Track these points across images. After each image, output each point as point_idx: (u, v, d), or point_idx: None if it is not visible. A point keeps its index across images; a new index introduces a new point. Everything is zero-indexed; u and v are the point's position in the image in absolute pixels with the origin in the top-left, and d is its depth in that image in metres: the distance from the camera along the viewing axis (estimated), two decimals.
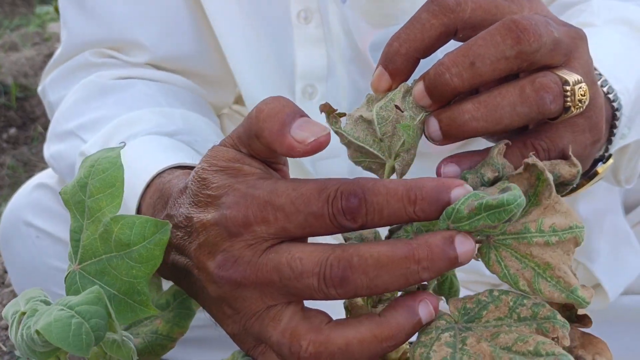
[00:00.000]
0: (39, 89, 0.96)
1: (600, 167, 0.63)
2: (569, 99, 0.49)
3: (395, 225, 0.49)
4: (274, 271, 0.45)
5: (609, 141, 0.61)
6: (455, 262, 0.44)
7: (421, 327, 0.45)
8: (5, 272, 1.40)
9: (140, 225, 0.49)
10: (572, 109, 0.50)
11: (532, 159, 0.45)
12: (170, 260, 0.51)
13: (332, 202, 0.44)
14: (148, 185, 0.63)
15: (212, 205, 0.47)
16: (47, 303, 0.49)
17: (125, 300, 0.50)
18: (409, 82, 0.51)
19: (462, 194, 0.43)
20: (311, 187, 0.45)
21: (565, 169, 0.48)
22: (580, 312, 0.48)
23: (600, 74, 0.61)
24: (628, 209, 1.03)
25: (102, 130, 0.77)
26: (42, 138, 2.24)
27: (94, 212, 0.50)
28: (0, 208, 1.83)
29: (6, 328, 1.23)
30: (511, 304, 0.45)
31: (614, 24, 0.74)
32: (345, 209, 0.44)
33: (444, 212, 0.43)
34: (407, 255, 0.43)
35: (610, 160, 0.63)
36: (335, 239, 0.51)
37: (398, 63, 0.50)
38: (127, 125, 0.77)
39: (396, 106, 0.50)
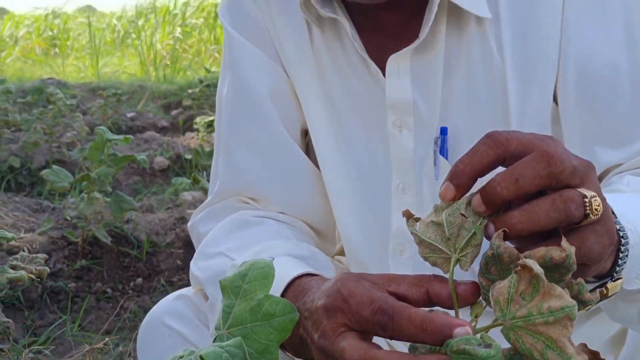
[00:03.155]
0: (189, 224, 1.16)
1: (609, 284, 0.75)
2: (588, 208, 0.64)
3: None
4: (335, 352, 0.65)
5: (617, 263, 0.74)
6: None
7: None
8: None
9: (283, 304, 0.69)
10: (591, 215, 0.65)
11: (522, 260, 0.58)
12: (300, 334, 0.73)
13: (374, 313, 0.62)
14: (290, 284, 0.82)
15: (322, 297, 0.69)
16: None
17: (259, 357, 0.68)
18: (467, 194, 0.66)
19: (462, 333, 0.58)
20: (369, 297, 0.63)
21: (556, 253, 0.60)
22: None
23: (613, 213, 0.72)
24: None
25: (247, 252, 0.94)
26: (163, 289, 2.43)
27: (249, 292, 0.70)
28: (118, 348, 2.00)
29: None
30: None
31: (638, 192, 0.87)
32: (379, 321, 0.62)
33: (446, 342, 0.59)
34: None
35: (620, 280, 0.75)
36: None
37: (462, 179, 0.66)
38: (268, 249, 0.93)
39: (461, 214, 0.65)
